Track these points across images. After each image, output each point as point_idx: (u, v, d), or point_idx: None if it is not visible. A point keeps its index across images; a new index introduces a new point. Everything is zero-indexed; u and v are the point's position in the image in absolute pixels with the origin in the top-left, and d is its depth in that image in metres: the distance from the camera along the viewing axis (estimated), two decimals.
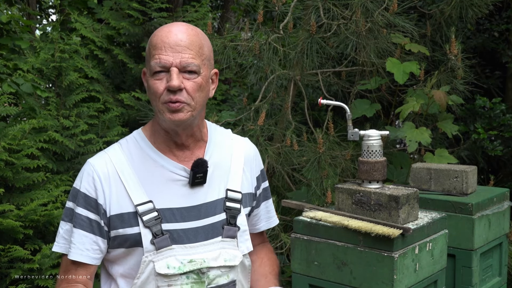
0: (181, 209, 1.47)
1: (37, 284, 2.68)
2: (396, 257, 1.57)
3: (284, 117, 3.44)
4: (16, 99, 3.34)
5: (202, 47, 1.45)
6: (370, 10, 3.03)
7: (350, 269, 1.66)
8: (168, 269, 1.42)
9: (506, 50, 4.82)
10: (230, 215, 1.53)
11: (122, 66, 4.18)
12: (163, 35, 1.42)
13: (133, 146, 1.51)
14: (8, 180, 2.80)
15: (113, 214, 1.45)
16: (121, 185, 1.45)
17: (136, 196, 1.45)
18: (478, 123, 4.14)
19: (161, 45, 1.40)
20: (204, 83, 1.45)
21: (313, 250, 1.74)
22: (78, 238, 1.45)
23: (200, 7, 4.53)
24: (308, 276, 1.77)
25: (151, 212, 1.44)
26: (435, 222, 1.76)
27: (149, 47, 1.44)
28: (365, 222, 1.65)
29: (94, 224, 1.45)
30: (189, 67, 1.40)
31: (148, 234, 1.43)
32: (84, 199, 1.45)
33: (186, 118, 1.42)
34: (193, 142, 1.53)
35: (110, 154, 1.50)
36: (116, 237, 1.45)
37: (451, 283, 2.08)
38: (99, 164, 1.47)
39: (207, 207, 1.50)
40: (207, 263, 1.46)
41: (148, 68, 1.45)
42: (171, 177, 1.48)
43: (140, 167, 1.48)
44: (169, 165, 1.48)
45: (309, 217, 1.80)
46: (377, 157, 1.75)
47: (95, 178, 1.45)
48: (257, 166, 1.67)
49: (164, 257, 1.43)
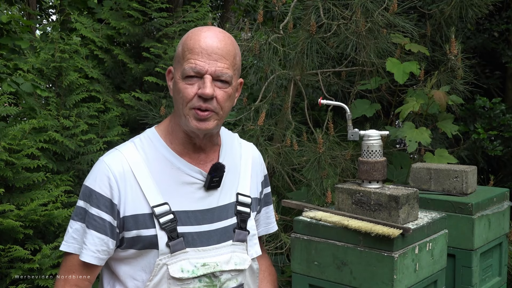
0: (196, 212, 1.47)
1: (37, 284, 2.68)
2: (396, 257, 1.57)
3: (284, 117, 3.44)
4: (16, 99, 3.34)
5: (235, 57, 1.44)
6: (370, 10, 3.03)
7: (350, 269, 1.66)
8: (182, 272, 1.42)
9: (506, 50, 4.83)
10: (240, 219, 1.53)
11: (122, 66, 4.18)
12: (201, 39, 1.39)
13: (147, 145, 1.48)
14: (8, 180, 2.80)
15: (128, 215, 1.42)
16: (136, 185, 1.42)
17: (152, 198, 1.42)
18: (478, 123, 4.14)
19: (198, 50, 1.38)
20: (233, 93, 1.46)
21: (313, 250, 1.74)
22: (91, 239, 1.42)
23: (200, 7, 4.52)
24: (308, 276, 1.77)
25: (168, 214, 1.42)
26: (435, 222, 1.76)
27: (183, 49, 1.41)
28: (365, 222, 1.65)
29: (107, 225, 1.42)
30: (223, 76, 1.39)
31: (164, 236, 1.41)
32: (98, 199, 1.41)
33: (213, 127, 1.42)
34: (210, 146, 1.53)
35: (125, 153, 1.46)
36: (130, 238, 1.42)
37: (451, 283, 2.08)
38: (114, 163, 1.43)
39: (220, 211, 1.51)
40: (219, 267, 1.47)
41: (179, 69, 1.41)
42: (187, 179, 1.47)
43: (156, 168, 1.45)
44: (185, 167, 1.47)
45: (309, 217, 1.80)
46: (377, 157, 1.75)
47: (111, 177, 1.41)
48: (262, 172, 1.68)
49: (178, 260, 1.42)
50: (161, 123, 1.55)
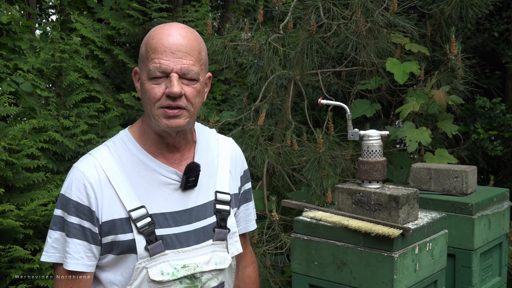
0: (173, 213, 1.45)
1: (37, 284, 2.68)
2: (396, 257, 1.57)
3: (284, 117, 3.44)
4: (16, 99, 3.34)
5: (200, 52, 1.42)
6: (370, 10, 3.03)
7: (350, 269, 1.66)
8: (162, 275, 1.40)
9: (506, 50, 4.83)
10: (220, 217, 1.52)
11: (122, 66, 4.18)
12: (163, 38, 1.37)
13: (121, 148, 1.46)
14: (8, 180, 2.80)
15: (105, 220, 1.39)
16: (112, 190, 1.40)
17: (128, 202, 1.40)
18: (478, 123, 4.14)
19: (161, 49, 1.36)
20: (202, 88, 1.43)
21: (313, 250, 1.74)
22: (73, 247, 1.39)
23: (200, 7, 4.53)
24: (308, 276, 1.77)
25: (145, 217, 1.40)
26: (435, 222, 1.76)
27: (146, 49, 1.39)
28: (365, 222, 1.65)
29: (88, 232, 1.39)
30: (189, 74, 1.37)
31: (142, 240, 1.39)
32: (76, 208, 1.39)
33: (184, 124, 1.40)
34: (184, 144, 1.51)
35: (98, 157, 1.43)
36: (107, 243, 1.41)
37: (451, 283, 2.08)
38: (88, 169, 1.40)
39: (198, 210, 1.49)
40: (200, 268, 1.45)
41: (144, 70, 1.39)
42: (163, 181, 1.44)
43: (131, 171, 1.43)
44: (160, 168, 1.45)
45: (309, 217, 1.80)
46: (377, 157, 1.75)
47: (86, 185, 1.39)
48: (241, 166, 1.65)
49: (157, 263, 1.41)
50: (134, 125, 1.53)
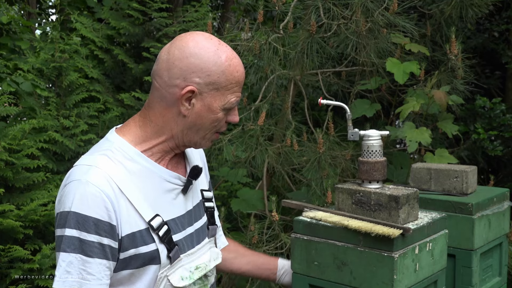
0: (180, 217, 1.46)
1: (37, 284, 2.68)
2: (396, 257, 1.57)
3: (284, 117, 3.44)
4: (16, 99, 3.34)
5: None
6: (370, 10, 3.03)
7: (350, 269, 1.66)
8: (182, 280, 1.41)
9: (506, 50, 4.83)
10: (210, 214, 1.57)
11: (122, 66, 4.18)
12: (241, 70, 1.43)
13: (122, 157, 1.38)
14: (8, 180, 2.80)
15: (125, 234, 1.33)
16: (126, 202, 1.34)
17: (145, 212, 1.36)
18: (478, 123, 4.14)
19: (241, 83, 1.44)
20: None
21: (313, 250, 1.74)
22: (95, 267, 1.30)
23: (200, 7, 4.53)
24: (308, 276, 1.77)
25: (163, 226, 1.39)
26: (435, 222, 1.76)
27: (228, 79, 1.40)
28: (365, 222, 1.65)
29: (107, 249, 1.31)
30: None
31: (164, 249, 1.38)
32: (96, 225, 1.29)
33: None
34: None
35: (105, 168, 1.34)
36: (125, 258, 1.34)
37: (451, 283, 2.08)
38: (102, 182, 1.31)
39: (194, 211, 1.52)
40: (209, 266, 1.49)
41: (219, 98, 1.40)
42: (168, 187, 1.44)
43: (138, 179, 1.38)
44: (165, 174, 1.44)
45: (309, 217, 1.79)
46: (377, 157, 1.75)
47: (105, 199, 1.30)
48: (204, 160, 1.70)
49: (175, 269, 1.42)
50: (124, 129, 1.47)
